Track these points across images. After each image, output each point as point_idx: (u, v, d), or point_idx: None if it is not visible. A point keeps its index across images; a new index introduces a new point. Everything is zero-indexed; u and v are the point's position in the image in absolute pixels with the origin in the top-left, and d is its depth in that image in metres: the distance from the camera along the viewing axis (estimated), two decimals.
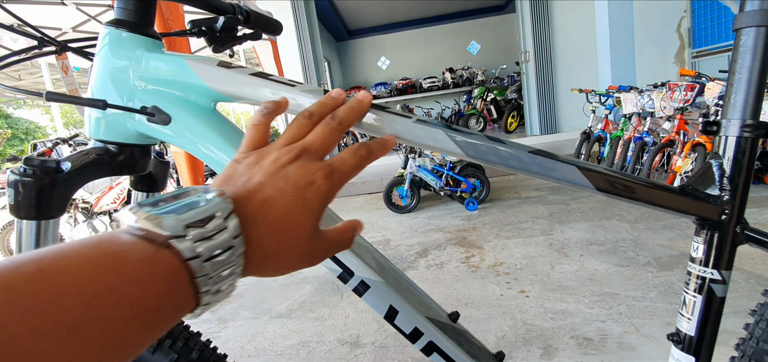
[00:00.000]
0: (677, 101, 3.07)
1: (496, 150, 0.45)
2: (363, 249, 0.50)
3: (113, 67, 0.49)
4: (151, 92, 0.49)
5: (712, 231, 0.49)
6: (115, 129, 0.50)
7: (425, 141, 0.46)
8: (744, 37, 0.46)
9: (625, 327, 1.51)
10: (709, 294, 0.50)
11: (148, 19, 0.51)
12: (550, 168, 0.46)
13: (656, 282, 1.80)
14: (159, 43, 0.52)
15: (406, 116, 0.47)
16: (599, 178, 0.46)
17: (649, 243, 2.24)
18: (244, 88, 0.48)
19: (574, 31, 6.05)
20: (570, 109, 6.10)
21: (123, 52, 0.49)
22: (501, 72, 8.75)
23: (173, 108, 0.48)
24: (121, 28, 0.49)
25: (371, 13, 9.21)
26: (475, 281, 2.08)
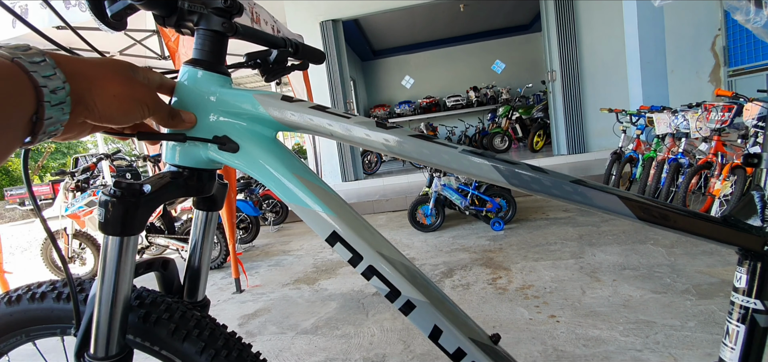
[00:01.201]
0: (714, 122, 2.97)
1: (539, 180, 0.47)
2: (409, 270, 0.52)
3: (190, 102, 0.54)
4: (222, 123, 0.54)
5: (755, 262, 0.49)
6: (189, 156, 0.55)
7: (471, 170, 0.49)
8: None
9: (663, 357, 1.45)
10: (752, 325, 0.50)
11: (220, 58, 0.56)
12: (592, 197, 0.47)
13: (696, 311, 1.72)
14: (229, 79, 0.57)
15: (453, 146, 0.50)
16: (642, 208, 0.47)
17: (687, 269, 2.15)
18: (304, 119, 0.52)
19: (602, 50, 5.96)
20: (598, 129, 5.98)
21: (199, 88, 0.54)
22: (526, 91, 8.69)
23: (241, 137, 0.53)
24: (198, 67, 0.54)
25: (396, 34, 9.37)
26: (503, 303, 2.05)
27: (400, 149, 0.50)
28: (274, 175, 0.53)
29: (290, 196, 0.53)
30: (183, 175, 0.55)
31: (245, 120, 0.54)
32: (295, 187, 0.52)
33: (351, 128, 0.51)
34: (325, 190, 0.54)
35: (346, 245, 0.51)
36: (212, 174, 0.59)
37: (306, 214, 0.52)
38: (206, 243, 0.65)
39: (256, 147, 0.53)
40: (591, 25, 5.95)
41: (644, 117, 3.91)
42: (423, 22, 8.72)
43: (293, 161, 0.54)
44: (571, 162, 5.93)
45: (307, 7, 6.12)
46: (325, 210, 0.51)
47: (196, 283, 0.64)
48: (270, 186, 0.54)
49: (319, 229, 0.52)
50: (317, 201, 0.52)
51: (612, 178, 4.07)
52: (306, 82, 4.68)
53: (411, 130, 0.51)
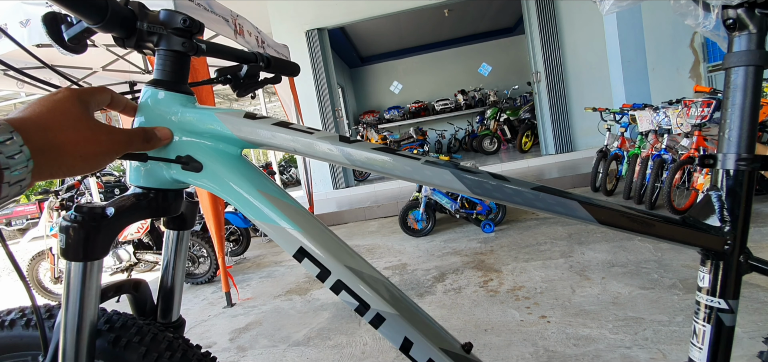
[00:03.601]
0: (694, 118, 3.03)
1: (501, 187, 0.47)
2: (378, 282, 0.52)
3: (153, 123, 0.53)
4: (185, 143, 0.53)
5: (717, 261, 0.50)
6: (153, 176, 0.55)
7: (434, 181, 0.49)
8: (734, 75, 0.49)
9: (652, 353, 1.46)
10: (717, 324, 0.51)
11: (182, 78, 0.56)
12: (553, 203, 0.47)
13: (683, 306, 1.75)
14: (192, 97, 0.56)
15: (415, 158, 0.50)
16: (602, 212, 0.47)
17: (673, 263, 2.18)
18: (267, 136, 0.52)
19: (584, 50, 6.05)
20: (584, 128, 6.05)
21: (161, 109, 0.54)
22: (513, 92, 8.77)
23: (204, 156, 0.53)
24: (159, 88, 0.54)
25: (383, 41, 9.42)
26: (494, 306, 2.05)
27: (363, 162, 0.50)
28: (238, 192, 0.53)
29: (256, 213, 0.52)
30: (148, 196, 0.54)
31: (209, 139, 0.54)
32: (260, 204, 0.52)
33: (314, 143, 0.51)
34: (291, 206, 0.53)
35: (313, 260, 0.51)
36: (178, 193, 0.58)
37: (272, 231, 0.52)
38: (178, 263, 0.64)
39: (220, 165, 0.53)
40: (572, 26, 6.04)
41: (627, 115, 3.97)
42: (409, 27, 8.78)
43: (258, 178, 0.54)
44: (559, 161, 5.99)
45: (292, 17, 6.13)
46: (291, 225, 0.51)
47: (169, 303, 0.63)
48: (235, 205, 0.53)
49: (286, 245, 0.51)
50: (283, 217, 0.51)
51: (599, 176, 4.12)
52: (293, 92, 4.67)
53: (373, 144, 0.51)
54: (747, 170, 0.49)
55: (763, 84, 2.22)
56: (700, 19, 0.48)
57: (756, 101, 0.48)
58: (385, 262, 3.07)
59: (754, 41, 0.46)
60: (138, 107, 0.55)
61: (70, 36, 0.50)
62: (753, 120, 0.48)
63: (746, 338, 1.46)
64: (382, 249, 3.43)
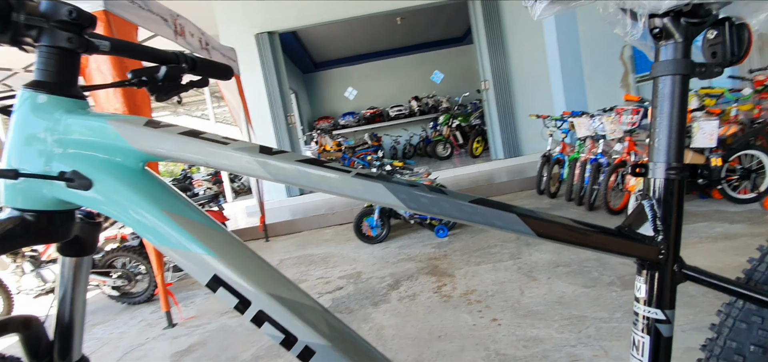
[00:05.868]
0: (625, 124, 3.27)
1: (438, 202, 0.45)
2: (308, 309, 0.47)
3: (29, 132, 0.46)
4: (71, 156, 0.46)
5: (653, 271, 0.51)
6: (32, 196, 0.47)
7: (366, 196, 0.46)
8: (661, 84, 0.49)
9: (595, 350, 1.53)
10: (656, 335, 0.51)
11: (70, 79, 0.49)
12: (491, 217, 0.46)
13: (621, 302, 1.85)
14: (82, 102, 0.49)
15: (345, 170, 0.46)
16: (541, 225, 0.47)
17: (612, 262, 2.32)
18: (171, 148, 0.46)
19: (528, 60, 6.38)
20: (530, 133, 6.36)
21: (40, 115, 0.46)
22: (464, 99, 9.06)
23: (95, 171, 0.46)
24: (40, 91, 0.46)
25: (336, 46, 9.35)
26: (448, 312, 2.06)
27: (286, 177, 0.46)
28: (137, 214, 0.46)
29: (160, 238, 0.46)
30: (26, 220, 0.46)
31: (101, 151, 0.47)
32: (165, 227, 0.45)
33: (230, 155, 0.46)
34: (203, 226, 0.47)
35: (229, 289, 0.45)
36: (68, 215, 0.50)
37: (182, 258, 0.46)
38: (77, 293, 0.56)
39: (115, 181, 0.46)
40: (516, 38, 6.36)
41: (566, 121, 4.21)
42: (362, 34, 8.79)
43: (164, 195, 0.48)
44: (507, 165, 6.24)
45: (240, 19, 5.90)
46: (204, 250, 0.45)
47: (68, 341, 0.54)
48: (135, 228, 0.46)
49: (198, 274, 0.46)
50: (193, 240, 0.45)
51: (543, 179, 4.33)
52: (241, 97, 4.49)
53: (299, 155, 0.47)
54: (677, 179, 0.50)
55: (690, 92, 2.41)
56: (628, 28, 0.49)
57: (683, 110, 0.49)
58: (340, 271, 3.01)
59: (680, 50, 0.48)
60: (14, 111, 0.47)
61: None
62: (681, 128, 0.49)
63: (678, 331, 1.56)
64: (336, 258, 3.36)
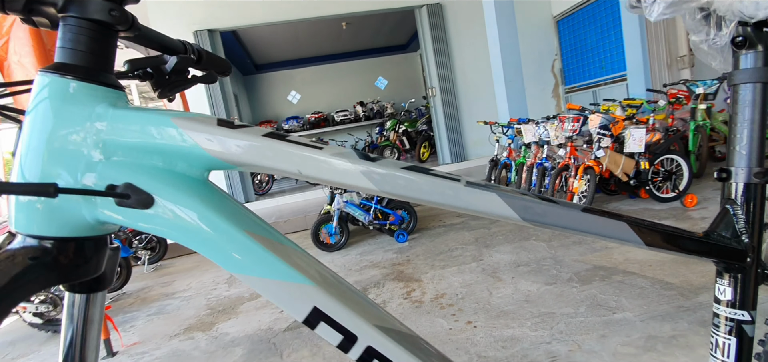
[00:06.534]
0: (567, 131, 3.54)
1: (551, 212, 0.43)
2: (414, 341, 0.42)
3: (60, 131, 0.35)
4: (121, 164, 0.36)
5: (738, 274, 0.52)
6: (62, 219, 0.36)
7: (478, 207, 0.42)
8: (742, 92, 0.52)
9: (569, 345, 1.61)
10: (741, 336, 0.53)
11: (108, 64, 0.39)
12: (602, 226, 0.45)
13: (582, 297, 1.98)
14: (122, 94, 0.40)
15: (455, 179, 0.42)
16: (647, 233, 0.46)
17: (566, 259, 2.48)
18: (253, 154, 0.38)
19: (471, 70, 6.70)
20: (475, 139, 6.66)
21: (74, 109, 0.36)
22: (410, 105, 9.24)
23: (155, 184, 0.37)
24: (70, 76, 0.36)
25: (279, 49, 9.05)
26: (422, 317, 2.06)
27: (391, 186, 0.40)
28: (213, 237, 0.37)
29: (243, 266, 0.38)
30: (48, 251, 0.36)
31: (160, 157, 0.38)
32: (250, 252, 0.38)
33: (327, 163, 0.39)
34: (291, 249, 0.40)
35: (332, 324, 0.38)
36: (100, 243, 0.40)
37: (275, 288, 0.38)
38: (90, 337, 0.44)
39: (183, 197, 0.37)
40: (460, 47, 6.65)
41: (513, 128, 4.46)
42: (307, 37, 8.60)
43: (239, 212, 0.40)
44: (455, 169, 6.46)
45: (177, 15, 5.47)
46: (301, 278, 0.38)
47: None
48: (206, 253, 0.38)
49: (293, 307, 0.38)
50: (287, 267, 0.38)
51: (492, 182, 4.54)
52: (182, 98, 4.14)
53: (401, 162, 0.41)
54: (760, 183, 0.52)
55: None
56: (710, 35, 0.51)
57: (764, 116, 0.51)
58: None
59: (761, 59, 0.50)
60: (30, 102, 0.36)
61: None
62: (762, 134, 0.52)
63: None
64: None
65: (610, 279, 2.09)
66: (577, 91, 6.80)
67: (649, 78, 5.26)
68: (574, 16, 6.66)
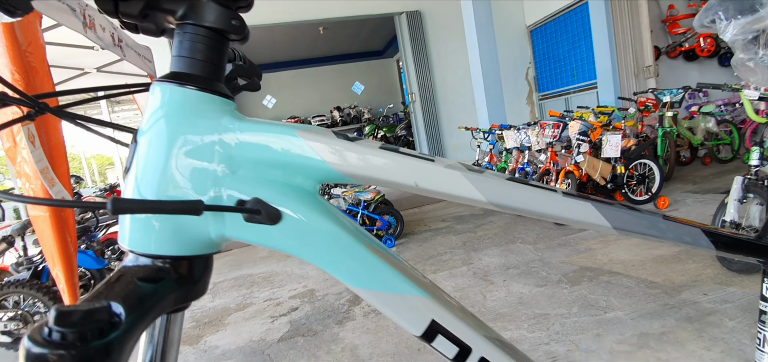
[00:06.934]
0: (548, 137, 3.66)
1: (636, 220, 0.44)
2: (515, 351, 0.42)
3: (185, 146, 0.34)
4: (247, 179, 0.35)
5: None
6: (184, 237, 0.35)
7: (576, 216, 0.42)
8: None
9: (567, 345, 1.66)
10: None
11: (222, 72, 0.38)
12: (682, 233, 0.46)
13: (573, 298, 2.05)
14: (234, 104, 0.38)
15: (552, 190, 0.43)
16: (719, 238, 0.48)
17: (553, 260, 2.55)
18: (373, 168, 0.38)
19: (450, 77, 6.83)
20: (454, 144, 6.77)
21: (200, 122, 0.35)
22: (388, 111, 9.30)
23: (281, 198, 0.36)
24: (191, 86, 0.35)
25: (254, 52, 8.89)
26: None
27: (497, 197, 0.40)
28: (333, 251, 0.37)
29: (365, 281, 0.37)
30: (167, 272, 0.34)
31: (281, 170, 0.37)
32: (371, 266, 0.37)
33: (440, 174, 0.39)
34: (403, 262, 0.41)
35: (449, 337, 0.38)
36: (208, 261, 0.38)
37: (395, 302, 0.37)
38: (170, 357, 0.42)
39: (308, 211, 0.36)
40: (439, 54, 6.77)
41: (495, 133, 4.57)
42: (283, 41, 8.50)
43: (353, 224, 0.40)
44: None
45: None
46: (418, 291, 0.38)
47: None
48: (331, 270, 0.37)
49: (412, 321, 0.38)
50: (406, 280, 0.38)
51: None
52: None
53: (503, 173, 0.42)
54: None
55: None
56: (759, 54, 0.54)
57: None
58: (289, 291, 2.82)
59: None
60: (147, 116, 0.35)
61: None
62: None
63: None
64: (282, 276, 3.14)
65: (597, 280, 2.18)
66: (550, 98, 7.05)
67: (618, 86, 5.54)
68: (546, 27, 6.92)
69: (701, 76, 6.19)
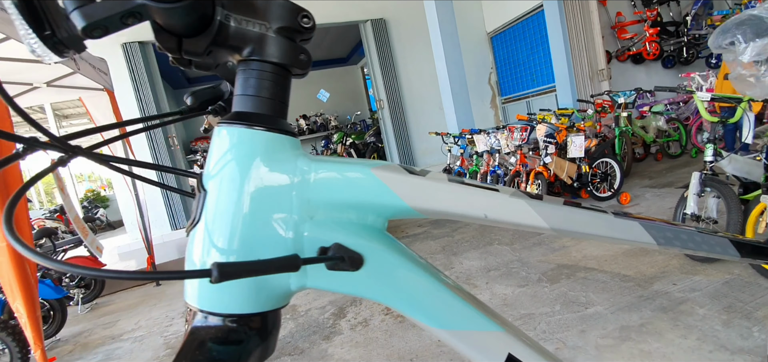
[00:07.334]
0: (517, 140, 3.80)
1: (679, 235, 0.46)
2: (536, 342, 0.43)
3: (263, 192, 0.32)
4: (322, 223, 0.34)
5: None
6: (265, 291, 0.33)
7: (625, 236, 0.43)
8: None
9: (555, 344, 1.72)
10: None
11: (287, 108, 0.36)
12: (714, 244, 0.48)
13: (554, 296, 2.12)
14: (299, 141, 0.37)
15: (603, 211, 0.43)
16: (743, 246, 0.50)
17: (530, 260, 2.64)
18: (445, 200, 0.37)
19: (417, 83, 6.93)
20: (423, 148, 6.86)
21: (277, 165, 0.32)
22: (356, 118, 9.29)
23: (360, 241, 0.34)
24: (259, 127, 0.33)
25: None
26: (408, 332, 2.06)
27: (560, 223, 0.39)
28: (413, 292, 0.36)
29: (447, 320, 0.36)
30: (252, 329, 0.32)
31: (354, 210, 0.35)
32: (450, 304, 0.36)
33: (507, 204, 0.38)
34: (474, 297, 0.40)
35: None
36: (278, 315, 0.36)
37: (469, 340, 0.37)
38: None
39: (386, 253, 0.35)
40: (405, 62, 6.86)
41: (465, 138, 4.68)
42: None
43: (425, 261, 0.39)
44: None
45: None
46: (493, 325, 0.37)
47: None
48: (414, 313, 0.36)
49: (488, 357, 0.37)
50: (481, 316, 0.37)
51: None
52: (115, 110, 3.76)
53: (560, 198, 0.43)
54: None
55: None
56: (761, 70, 0.59)
57: None
58: None
59: None
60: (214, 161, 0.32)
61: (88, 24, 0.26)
62: None
63: None
64: None
65: (575, 277, 2.27)
66: (513, 101, 7.32)
67: (575, 89, 5.84)
68: (506, 33, 7.19)
69: (648, 78, 6.67)
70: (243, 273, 0.28)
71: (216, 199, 0.32)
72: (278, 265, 0.29)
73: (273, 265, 0.29)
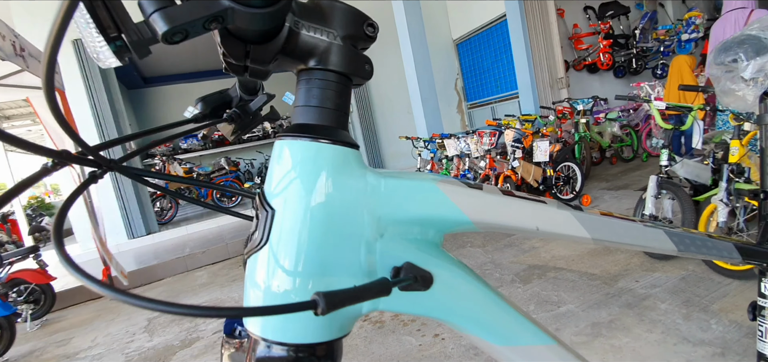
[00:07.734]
0: (486, 144, 3.91)
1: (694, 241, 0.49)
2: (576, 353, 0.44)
3: (334, 209, 0.31)
4: (392, 241, 0.32)
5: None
6: (336, 317, 0.31)
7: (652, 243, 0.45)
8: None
9: None
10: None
11: (347, 120, 0.35)
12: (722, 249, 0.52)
13: (528, 296, 2.20)
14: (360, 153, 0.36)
15: (634, 220, 0.45)
16: (744, 250, 0.55)
17: (503, 261, 2.72)
18: (501, 213, 0.37)
19: (386, 89, 6.98)
20: (392, 152, 6.91)
21: (348, 181, 0.31)
22: None
23: (427, 258, 0.34)
24: (325, 140, 0.31)
25: (174, 60, 8.23)
26: (388, 337, 2.06)
27: (600, 232, 0.41)
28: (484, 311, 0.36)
29: (508, 336, 0.36)
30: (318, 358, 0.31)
31: (419, 226, 0.34)
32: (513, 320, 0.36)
33: (554, 216, 0.39)
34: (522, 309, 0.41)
35: None
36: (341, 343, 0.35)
37: (525, 356, 0.37)
38: None
39: (454, 269, 0.35)
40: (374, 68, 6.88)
41: (435, 142, 4.76)
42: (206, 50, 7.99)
43: (482, 278, 0.39)
44: None
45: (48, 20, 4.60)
46: (548, 339, 0.38)
47: None
48: (480, 332, 0.35)
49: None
50: (537, 330, 0.38)
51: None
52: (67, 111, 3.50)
53: (596, 209, 0.45)
54: None
55: None
56: (749, 86, 0.64)
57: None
58: None
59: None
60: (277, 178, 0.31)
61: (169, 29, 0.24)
62: None
63: None
64: (230, 305, 2.93)
65: (545, 277, 2.37)
66: (478, 107, 7.53)
67: (537, 96, 6.11)
68: (471, 41, 7.40)
69: (602, 86, 7.09)
70: (346, 302, 0.27)
71: (282, 219, 0.30)
72: (375, 291, 0.28)
73: (370, 291, 0.28)
